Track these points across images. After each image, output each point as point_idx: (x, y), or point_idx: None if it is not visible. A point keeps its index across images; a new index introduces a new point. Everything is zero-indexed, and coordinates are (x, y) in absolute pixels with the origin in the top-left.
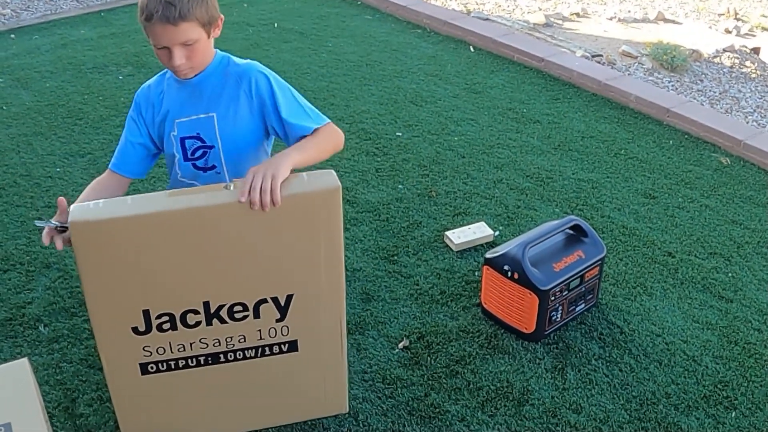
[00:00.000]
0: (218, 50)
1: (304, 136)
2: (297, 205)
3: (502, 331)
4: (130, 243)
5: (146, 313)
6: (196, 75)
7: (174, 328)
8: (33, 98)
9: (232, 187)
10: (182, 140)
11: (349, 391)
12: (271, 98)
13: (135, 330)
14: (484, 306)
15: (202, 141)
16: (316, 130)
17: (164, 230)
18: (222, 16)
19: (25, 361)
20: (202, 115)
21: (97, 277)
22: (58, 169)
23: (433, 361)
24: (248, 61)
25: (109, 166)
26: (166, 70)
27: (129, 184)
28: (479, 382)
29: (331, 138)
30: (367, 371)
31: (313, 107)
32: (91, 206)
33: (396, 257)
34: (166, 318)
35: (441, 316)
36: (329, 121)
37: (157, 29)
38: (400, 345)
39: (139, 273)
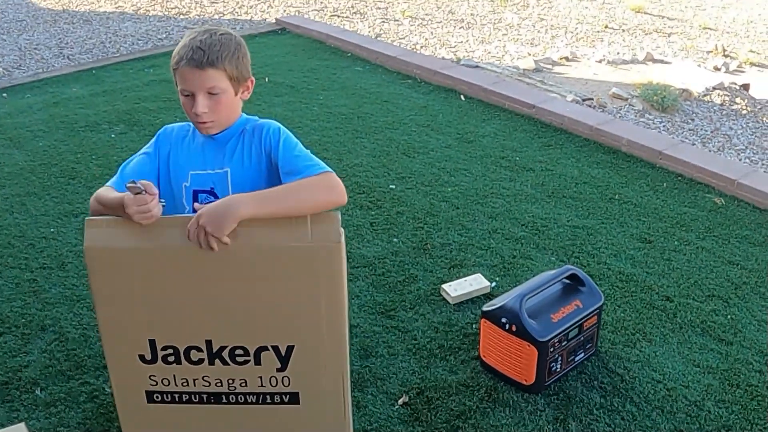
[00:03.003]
0: (245, 114)
1: None
2: (297, 257)
3: (502, 383)
4: (141, 272)
5: (152, 343)
6: (219, 132)
7: (178, 362)
8: (26, 158)
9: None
10: (195, 193)
11: None
12: (275, 150)
13: (142, 358)
14: (483, 359)
15: (216, 196)
16: (307, 178)
17: (173, 264)
18: (253, 78)
19: (22, 425)
20: (218, 170)
21: (108, 301)
22: (52, 230)
23: (433, 417)
24: (267, 119)
25: (111, 183)
26: (190, 123)
27: None
28: None
29: (317, 189)
30: (368, 429)
31: (313, 158)
32: (106, 231)
33: (393, 312)
34: (170, 351)
35: (440, 370)
36: (326, 171)
37: (185, 73)
38: (400, 401)
39: (147, 302)
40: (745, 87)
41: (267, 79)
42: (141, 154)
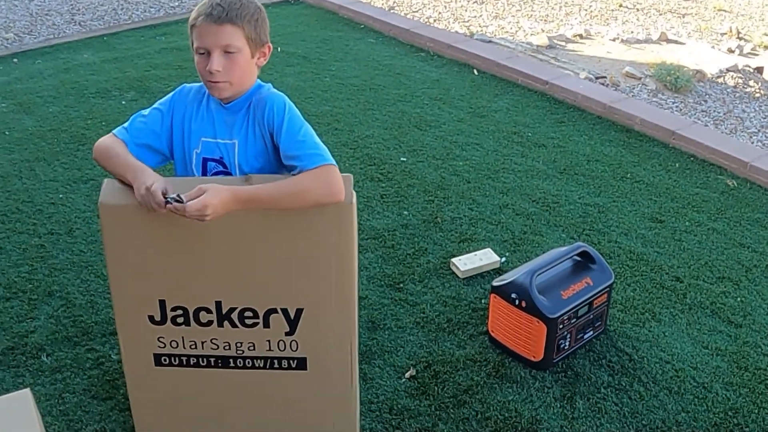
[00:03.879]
0: (259, 80)
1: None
2: (308, 218)
3: (510, 359)
4: (153, 231)
5: (162, 304)
6: (231, 100)
7: (187, 323)
8: (35, 123)
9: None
10: (204, 161)
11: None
12: (278, 131)
13: (151, 319)
14: (492, 334)
15: (224, 166)
16: (306, 171)
17: (186, 223)
18: (270, 45)
19: (27, 391)
20: (227, 141)
21: (120, 259)
22: (60, 196)
23: (440, 391)
24: (278, 93)
25: (118, 134)
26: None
27: None
28: (487, 411)
29: (314, 187)
30: (374, 401)
31: (317, 146)
32: (120, 186)
33: (402, 285)
34: (180, 312)
35: (448, 344)
36: (327, 163)
37: (203, 29)
38: (407, 374)
39: (158, 262)
40: (759, 70)
41: (279, 49)
42: (154, 109)
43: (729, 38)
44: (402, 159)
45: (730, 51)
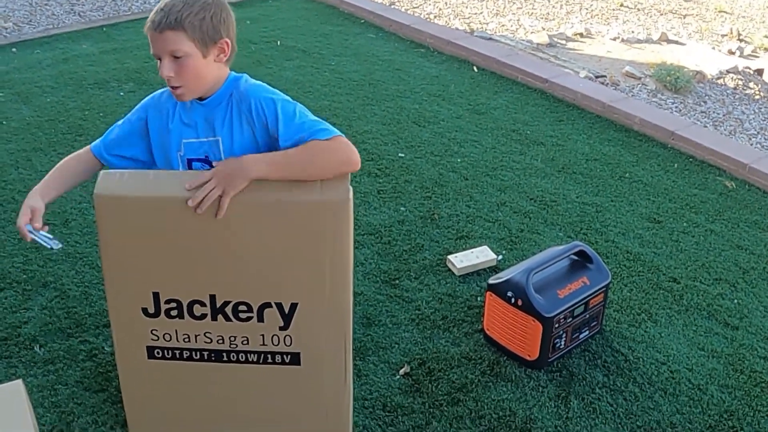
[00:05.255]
0: (233, 72)
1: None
2: (304, 213)
3: (505, 358)
4: (149, 223)
5: (156, 296)
6: (207, 96)
7: (181, 316)
8: (33, 113)
9: None
10: (189, 162)
11: None
12: (273, 124)
13: (145, 311)
14: (487, 332)
15: (211, 165)
16: (312, 142)
17: (182, 216)
18: (228, 40)
19: (19, 382)
20: (211, 138)
21: (115, 251)
22: None
23: (434, 389)
24: (257, 83)
25: (93, 147)
26: None
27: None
28: (481, 410)
29: (332, 154)
30: (368, 398)
31: (321, 121)
32: (116, 179)
33: (397, 281)
34: (174, 304)
35: (443, 342)
36: (338, 134)
37: (150, 36)
38: (401, 371)
39: (153, 254)
40: (759, 72)
41: (279, 43)
42: (128, 119)
43: (729, 40)
44: (400, 155)
45: (731, 52)
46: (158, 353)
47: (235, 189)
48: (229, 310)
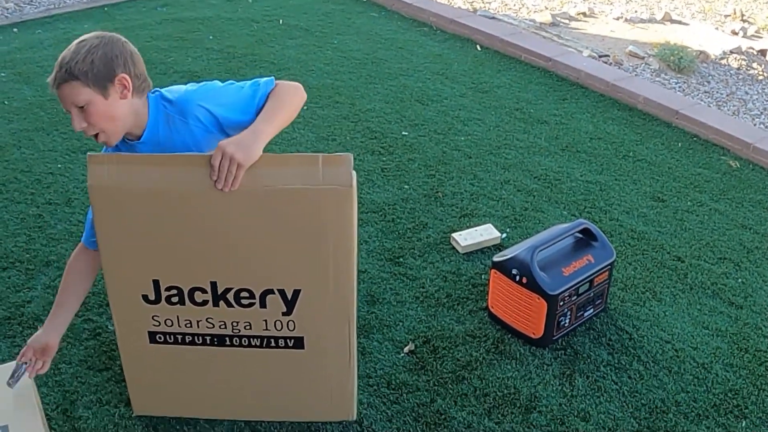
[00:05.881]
0: (149, 95)
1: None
2: (306, 200)
3: (510, 335)
4: (147, 212)
5: (156, 283)
6: (139, 134)
7: (182, 302)
8: (35, 93)
9: None
10: None
11: None
12: (221, 116)
13: (145, 298)
14: (491, 310)
15: None
16: (271, 93)
17: (180, 204)
18: (125, 75)
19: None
20: None
21: (113, 240)
22: (59, 165)
23: (439, 366)
24: (176, 91)
25: (83, 240)
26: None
27: None
28: (486, 388)
29: (291, 97)
30: (372, 376)
31: (253, 81)
32: (111, 169)
33: (402, 259)
34: (174, 291)
35: (447, 319)
36: (274, 80)
37: (54, 92)
38: (406, 349)
39: (151, 243)
40: (763, 53)
41: (281, 21)
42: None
43: (733, 20)
44: (403, 133)
45: (734, 33)
46: (160, 338)
47: (253, 157)
48: (230, 296)
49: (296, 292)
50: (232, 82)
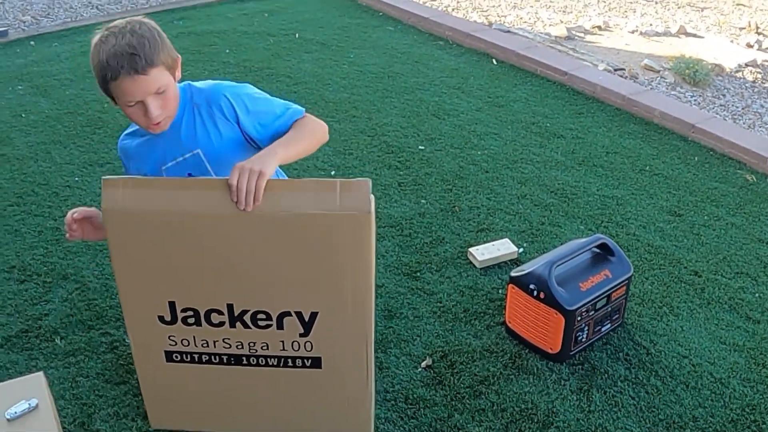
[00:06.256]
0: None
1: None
2: (323, 225)
3: (527, 350)
4: (162, 236)
5: (172, 305)
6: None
7: (198, 323)
8: (52, 106)
9: None
10: None
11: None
12: (244, 117)
13: (161, 319)
14: (509, 325)
15: None
16: (295, 123)
17: (195, 228)
18: (179, 56)
19: (40, 374)
20: (187, 155)
21: (128, 262)
22: (76, 179)
23: (456, 381)
24: (209, 82)
25: None
26: (134, 125)
27: None
28: (503, 403)
29: (313, 132)
30: (390, 390)
31: (285, 103)
32: (125, 193)
33: (419, 274)
34: (190, 313)
35: (464, 334)
36: (304, 111)
37: (126, 84)
38: (423, 364)
39: (166, 265)
40: None
41: (297, 35)
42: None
43: (748, 33)
44: (420, 147)
45: (749, 46)
46: (176, 357)
47: (268, 173)
48: (247, 318)
49: (314, 314)
50: (267, 94)
